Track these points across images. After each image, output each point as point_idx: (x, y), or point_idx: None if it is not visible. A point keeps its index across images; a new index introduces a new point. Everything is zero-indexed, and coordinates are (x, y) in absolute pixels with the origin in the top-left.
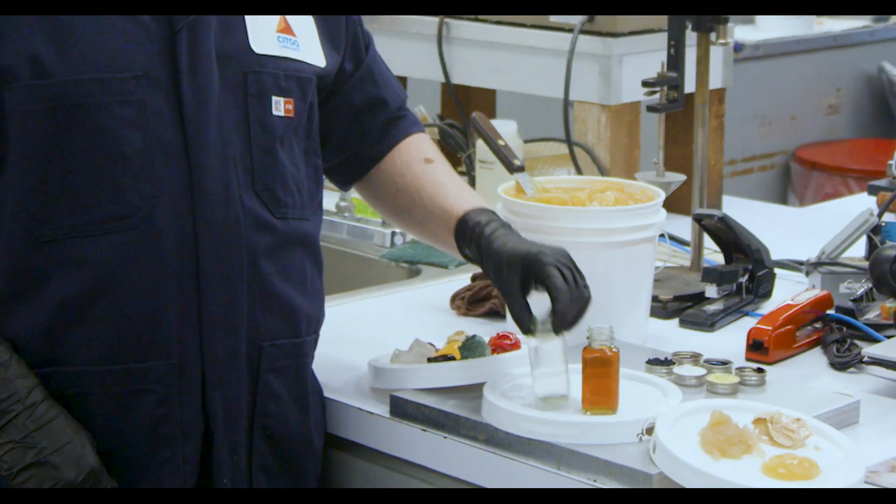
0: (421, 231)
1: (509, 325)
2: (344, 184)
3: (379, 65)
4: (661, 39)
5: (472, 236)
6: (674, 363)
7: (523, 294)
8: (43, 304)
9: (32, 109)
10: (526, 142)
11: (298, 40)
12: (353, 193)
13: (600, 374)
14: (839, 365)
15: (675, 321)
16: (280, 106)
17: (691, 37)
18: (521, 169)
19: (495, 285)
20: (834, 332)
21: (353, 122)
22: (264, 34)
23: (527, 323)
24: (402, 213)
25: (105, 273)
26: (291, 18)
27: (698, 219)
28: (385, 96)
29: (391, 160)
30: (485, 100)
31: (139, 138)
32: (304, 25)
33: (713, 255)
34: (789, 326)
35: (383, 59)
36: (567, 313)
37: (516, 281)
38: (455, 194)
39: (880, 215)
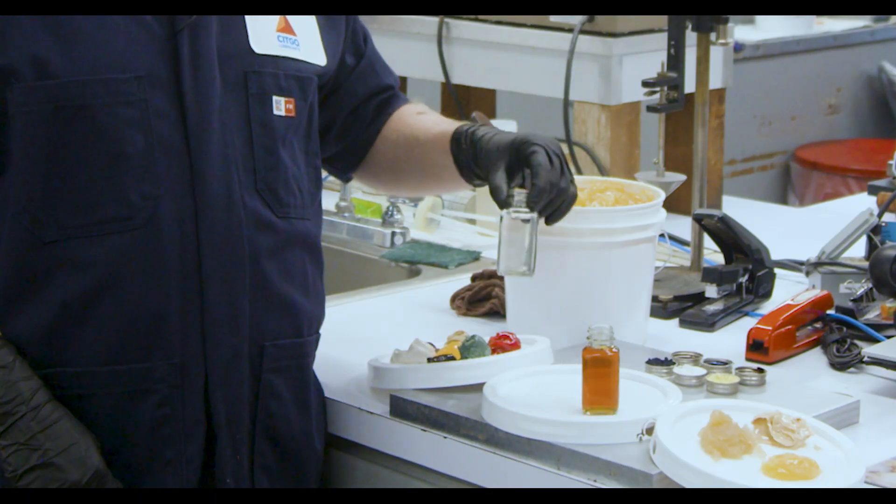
0: (420, 169)
1: (509, 325)
2: (346, 170)
3: (377, 54)
4: (661, 39)
5: (465, 138)
6: (674, 363)
7: (505, 171)
8: (46, 305)
9: (35, 110)
10: None
11: (299, 39)
12: (353, 193)
13: (600, 374)
14: (839, 365)
15: (675, 321)
16: (281, 105)
17: (691, 37)
18: None
19: (485, 176)
20: (834, 332)
21: (355, 112)
22: (264, 34)
23: (503, 195)
24: (401, 162)
25: (107, 273)
26: (292, 17)
27: (698, 219)
28: (384, 84)
29: (386, 128)
30: (485, 100)
31: (141, 139)
32: (305, 24)
33: (713, 255)
34: (789, 326)
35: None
36: (545, 189)
37: (503, 160)
38: (449, 124)
39: (880, 215)
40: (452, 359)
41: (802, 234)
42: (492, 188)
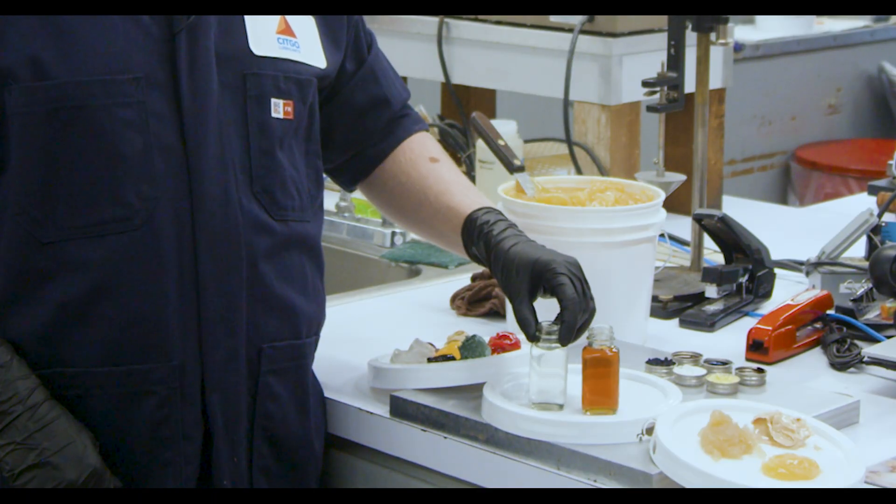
0: (426, 230)
1: (509, 326)
2: (348, 184)
3: (382, 63)
4: (661, 39)
5: (479, 235)
6: (674, 363)
7: (530, 299)
8: (44, 306)
9: (33, 111)
10: (526, 142)
11: (299, 41)
12: (354, 194)
13: (600, 374)
14: (839, 365)
15: (675, 321)
16: (279, 108)
17: (691, 37)
18: (521, 169)
19: (501, 287)
20: (834, 332)
21: (356, 122)
22: (264, 36)
23: (532, 330)
24: (408, 212)
25: (105, 275)
26: (292, 19)
27: (698, 219)
28: (388, 95)
29: (395, 159)
30: (485, 100)
31: (139, 140)
32: (305, 26)
33: (713, 255)
34: (789, 326)
35: (386, 58)
36: (574, 324)
37: (525, 286)
38: (461, 193)
39: (880, 215)
40: (452, 359)
41: (802, 234)
42: (519, 321)
